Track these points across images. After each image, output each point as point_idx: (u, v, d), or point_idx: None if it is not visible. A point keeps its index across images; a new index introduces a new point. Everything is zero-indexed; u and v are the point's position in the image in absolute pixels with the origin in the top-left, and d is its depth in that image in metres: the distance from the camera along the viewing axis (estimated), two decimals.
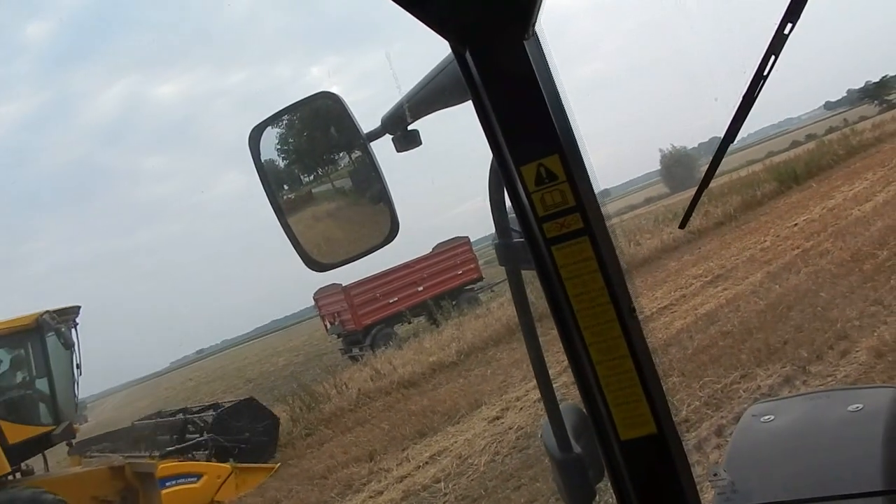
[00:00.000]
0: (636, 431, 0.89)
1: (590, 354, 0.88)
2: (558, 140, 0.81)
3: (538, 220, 0.84)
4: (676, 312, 10.69)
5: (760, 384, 6.34)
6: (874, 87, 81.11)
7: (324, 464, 9.21)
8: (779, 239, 13.84)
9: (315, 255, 1.22)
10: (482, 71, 0.81)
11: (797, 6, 0.86)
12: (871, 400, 1.62)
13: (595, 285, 0.85)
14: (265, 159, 1.24)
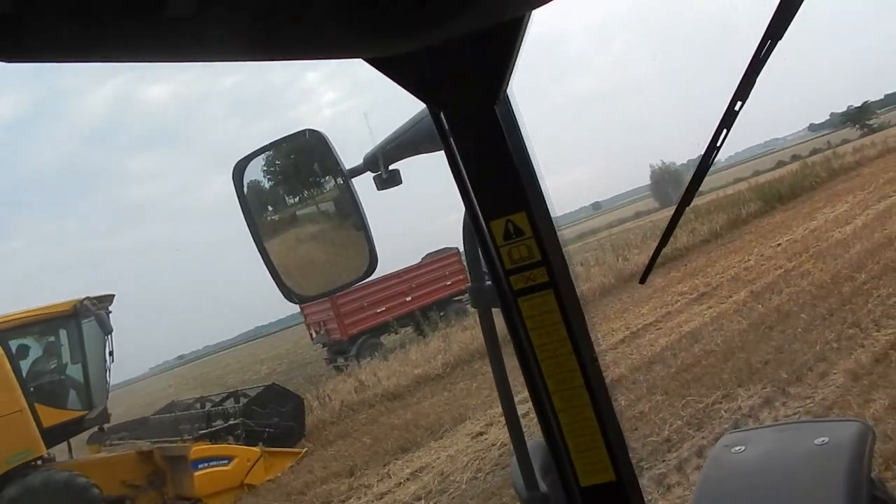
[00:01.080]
0: (596, 478, 0.93)
1: (553, 402, 0.92)
2: (525, 198, 0.86)
3: (506, 272, 0.88)
4: (661, 330, 10.75)
5: (741, 404, 6.39)
6: (856, 111, 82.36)
7: (302, 479, 9.13)
8: (762, 258, 13.99)
9: (293, 286, 1.25)
10: (454, 131, 0.86)
11: (745, 89, 0.90)
12: (837, 433, 1.66)
13: (558, 336, 0.89)
14: (248, 193, 1.27)
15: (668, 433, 6.28)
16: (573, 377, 0.89)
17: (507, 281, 0.88)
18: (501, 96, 0.84)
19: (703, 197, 41.23)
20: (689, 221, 22.82)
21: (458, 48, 0.78)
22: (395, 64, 0.79)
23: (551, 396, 0.91)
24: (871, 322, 7.45)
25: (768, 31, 0.85)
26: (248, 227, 1.24)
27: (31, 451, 8.98)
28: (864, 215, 14.96)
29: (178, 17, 0.53)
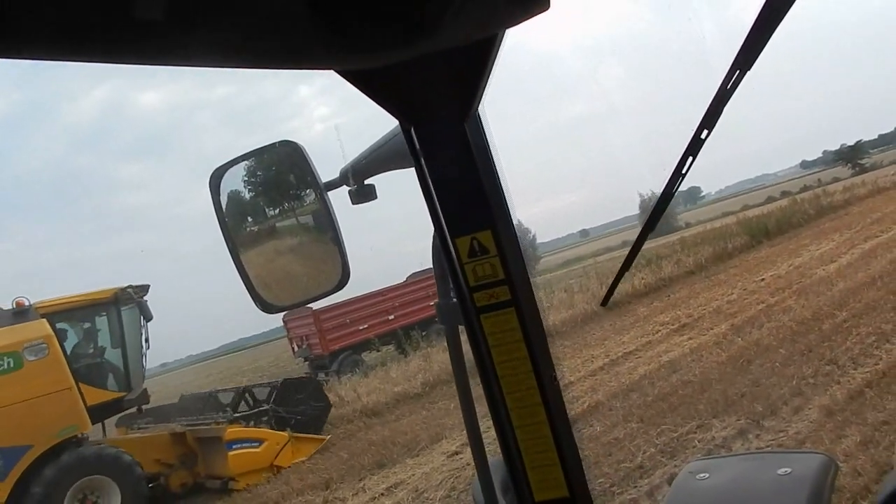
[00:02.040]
0: (549, 494, 0.95)
1: (511, 419, 0.94)
2: (492, 216, 0.87)
3: (469, 289, 0.90)
4: (641, 358, 10.78)
5: (715, 435, 6.42)
6: (849, 150, 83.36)
7: (278, 490, 9.08)
8: (746, 292, 14.08)
9: (266, 296, 1.26)
10: (424, 147, 0.87)
11: (711, 118, 0.93)
12: (800, 465, 1.69)
13: (518, 354, 0.91)
14: (224, 201, 1.28)
15: (641, 460, 6.30)
16: (531, 395, 0.91)
17: (471, 298, 0.89)
18: (472, 114, 0.85)
19: (690, 229, 41.55)
20: (676, 252, 22.99)
21: (430, 64, 0.79)
22: (367, 77, 0.80)
23: (509, 413, 0.92)
24: (848, 360, 7.52)
25: (736, 62, 0.87)
26: (223, 235, 1.26)
27: (77, 426, 9.54)
28: (850, 254, 15.12)
29: (147, 20, 0.53)
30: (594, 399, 8.86)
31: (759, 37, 0.84)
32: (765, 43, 0.85)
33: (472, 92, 0.82)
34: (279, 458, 10.05)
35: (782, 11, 0.80)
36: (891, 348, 7.46)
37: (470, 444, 1.19)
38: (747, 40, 0.84)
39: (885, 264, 12.47)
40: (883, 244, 15.16)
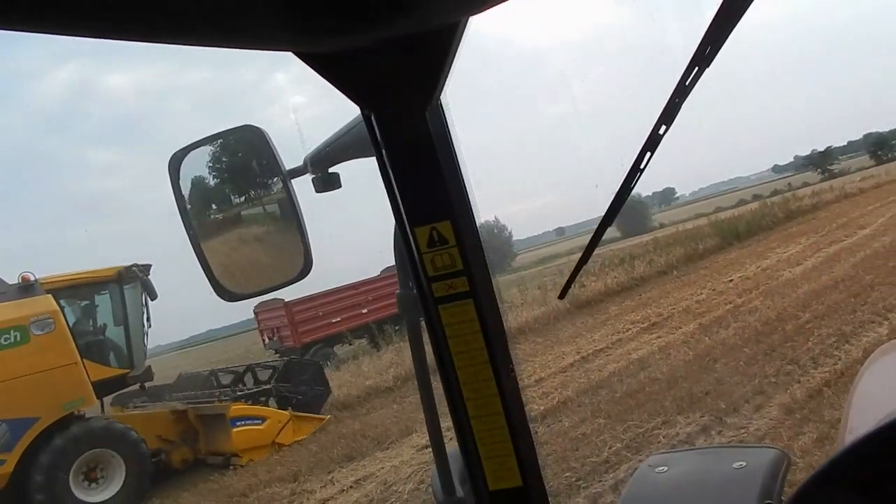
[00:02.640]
0: (503, 483, 0.95)
1: (467, 409, 0.95)
2: (451, 207, 0.87)
3: (428, 279, 0.89)
4: (611, 356, 10.89)
5: (679, 431, 6.53)
6: (819, 155, 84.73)
7: (246, 482, 9.02)
8: (714, 293, 14.29)
9: (226, 284, 1.23)
10: (384, 135, 0.86)
11: (669, 114, 0.95)
12: (754, 459, 1.73)
13: (476, 345, 0.91)
14: (184, 186, 1.27)
15: (607, 455, 6.38)
16: (488, 386, 0.91)
17: (429, 288, 0.89)
18: (434, 103, 0.84)
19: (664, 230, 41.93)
20: (648, 252, 23.21)
21: (391, 50, 0.78)
22: (327, 61, 0.79)
23: (466, 403, 0.92)
24: (809, 360, 7.69)
25: (695, 58, 0.87)
26: (182, 221, 1.24)
27: (83, 399, 9.77)
28: (815, 258, 15.43)
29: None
30: (564, 395, 8.94)
31: (718, 34, 0.84)
32: (724, 40, 0.85)
33: (434, 81, 0.82)
34: (281, 436, 10.30)
35: (741, 9, 0.81)
36: (849, 349, 7.64)
37: (429, 435, 1.19)
38: (706, 37, 0.85)
39: (848, 268, 12.74)
40: (847, 249, 15.48)
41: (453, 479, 1.13)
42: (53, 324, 9.53)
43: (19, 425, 9.06)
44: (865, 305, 9.48)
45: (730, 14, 0.82)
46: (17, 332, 9.28)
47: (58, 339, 9.53)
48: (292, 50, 0.77)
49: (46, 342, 9.40)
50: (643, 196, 75.45)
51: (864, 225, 19.06)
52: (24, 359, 9.20)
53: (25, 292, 9.66)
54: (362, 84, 0.82)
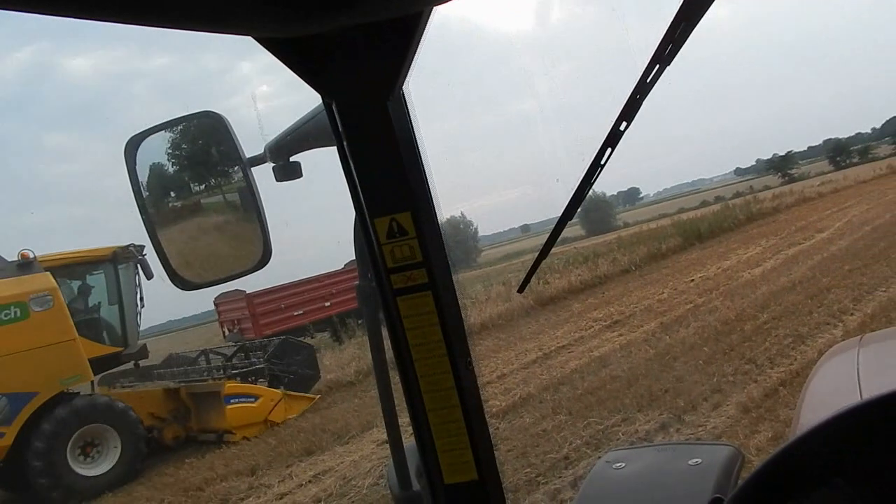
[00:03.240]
0: (459, 477, 0.95)
1: (423, 402, 0.93)
2: (412, 198, 0.86)
3: (387, 271, 0.89)
4: (573, 353, 10.98)
5: (638, 428, 6.60)
6: (780, 160, 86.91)
7: (202, 475, 8.89)
8: (675, 292, 14.50)
9: (183, 273, 1.21)
10: (344, 124, 0.85)
11: (630, 111, 0.95)
12: (709, 456, 1.75)
13: (434, 337, 0.91)
14: (141, 171, 1.23)
15: (567, 451, 6.42)
16: (445, 379, 0.91)
17: (388, 280, 0.89)
18: (395, 93, 0.84)
19: (628, 229, 42.47)
20: (612, 251, 23.49)
21: (353, 38, 0.77)
22: (288, 47, 0.78)
23: (423, 396, 0.92)
24: (766, 359, 7.84)
25: (655, 57, 0.87)
26: (138, 207, 1.20)
27: (81, 375, 10.01)
28: (774, 259, 15.77)
29: None
30: (526, 391, 8.98)
31: (679, 33, 0.85)
32: (684, 40, 0.85)
33: (397, 70, 0.81)
34: (273, 414, 10.59)
35: (701, 10, 0.81)
36: (805, 349, 7.81)
37: (386, 428, 1.18)
38: (666, 36, 0.85)
39: (806, 270, 13.04)
40: (805, 251, 15.85)
41: (410, 472, 1.12)
42: (52, 301, 9.68)
43: (18, 399, 9.26)
44: (821, 307, 9.70)
45: (689, 14, 0.82)
46: (17, 308, 9.44)
47: (56, 315, 9.68)
48: (253, 35, 0.76)
49: (45, 318, 9.55)
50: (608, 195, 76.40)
51: (822, 228, 19.53)
52: (23, 334, 9.34)
53: (24, 269, 9.81)
54: (323, 72, 0.81)
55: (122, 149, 1.22)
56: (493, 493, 0.96)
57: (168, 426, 10.88)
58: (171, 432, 10.91)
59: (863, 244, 14.63)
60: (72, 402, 9.73)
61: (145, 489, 9.14)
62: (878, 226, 17.13)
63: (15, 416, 9.21)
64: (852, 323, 8.47)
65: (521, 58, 67.92)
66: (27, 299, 9.53)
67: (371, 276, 0.95)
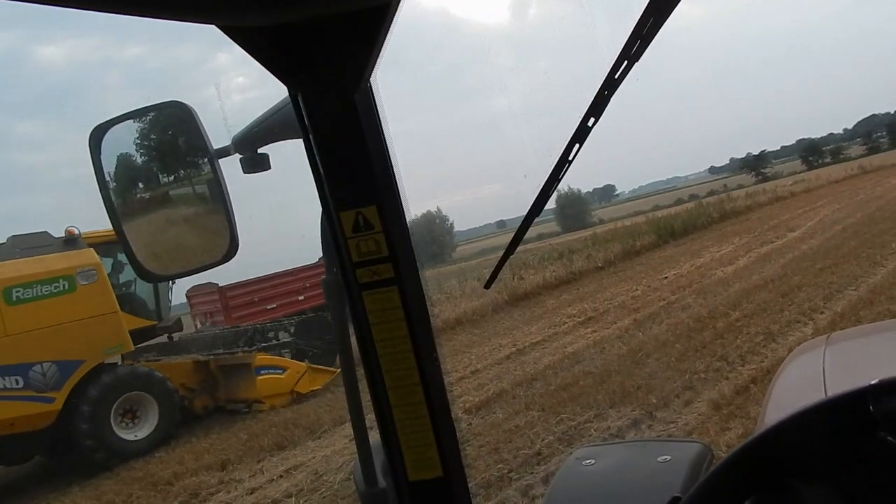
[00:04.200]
0: (424, 474, 0.94)
1: (388, 398, 0.92)
2: (378, 191, 0.85)
3: (352, 265, 0.88)
4: (547, 349, 11.03)
5: (611, 425, 6.65)
6: (753, 159, 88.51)
7: (171, 470, 8.78)
8: (649, 289, 14.64)
9: (148, 264, 1.20)
10: (310, 116, 0.84)
11: (598, 107, 0.94)
12: (678, 452, 1.76)
13: (399, 333, 0.90)
14: (106, 161, 1.21)
15: (539, 447, 6.45)
16: (410, 374, 0.90)
17: (353, 274, 0.88)
18: (362, 85, 0.83)
19: (603, 226, 42.84)
20: (587, 248, 23.67)
21: (319, 29, 0.76)
22: (252, 36, 0.76)
23: (388, 392, 0.91)
24: (737, 357, 7.93)
25: (623, 53, 0.87)
26: (103, 198, 1.18)
27: (122, 346, 10.66)
28: (747, 257, 15.99)
29: None
30: (499, 387, 9.01)
31: (647, 30, 0.84)
32: (652, 36, 0.84)
33: (364, 61, 0.80)
34: (298, 385, 11.26)
35: (670, 6, 0.80)
36: (776, 347, 7.92)
37: (352, 424, 1.17)
38: (635, 32, 0.84)
39: (778, 269, 13.23)
40: (777, 250, 16.09)
41: (376, 469, 1.11)
42: (96, 275, 10.34)
43: (67, 367, 9.85)
44: (792, 306, 9.85)
45: (657, 11, 0.82)
46: (65, 281, 10.05)
47: (100, 289, 10.33)
48: (215, 23, 0.73)
49: (90, 291, 10.19)
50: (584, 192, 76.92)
51: (794, 227, 19.86)
52: (71, 306, 9.93)
53: (70, 245, 10.41)
54: (289, 62, 0.80)
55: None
56: (458, 489, 0.95)
57: (198, 396, 11.51)
58: (201, 402, 11.54)
59: (833, 243, 14.88)
60: (115, 371, 10.42)
61: (113, 483, 9.01)
62: (848, 225, 17.45)
63: (64, 382, 9.77)
64: (822, 321, 8.60)
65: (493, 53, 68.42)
66: (74, 273, 10.13)
67: (337, 271, 0.93)
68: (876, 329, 2.97)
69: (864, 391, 0.95)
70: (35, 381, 9.57)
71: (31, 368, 9.57)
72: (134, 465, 9.57)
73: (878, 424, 0.94)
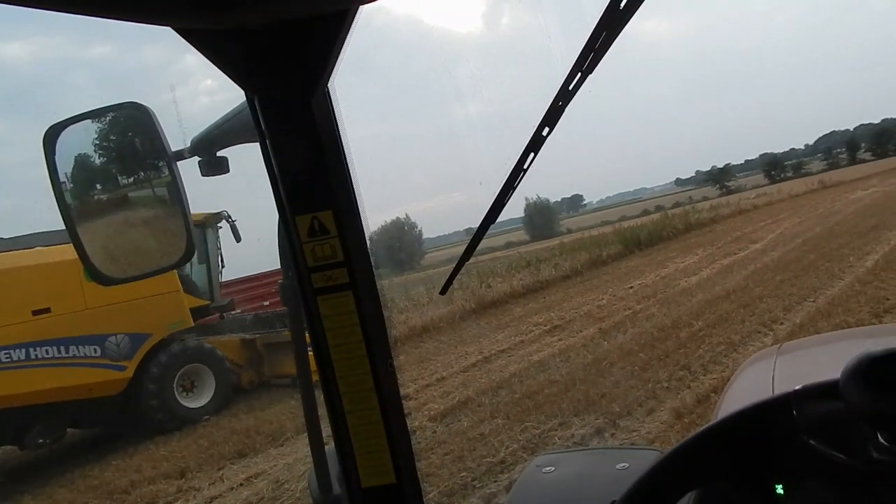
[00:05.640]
0: (377, 480, 0.93)
1: (342, 403, 0.92)
2: (334, 197, 0.85)
3: (308, 269, 0.88)
4: (513, 357, 11.04)
5: (574, 433, 6.68)
6: (718, 172, 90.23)
7: (128, 478, 8.57)
8: (615, 298, 14.77)
9: (103, 267, 1.19)
10: (266, 120, 0.84)
11: (552, 117, 0.95)
12: (636, 460, 1.78)
13: (354, 338, 0.90)
14: (63, 161, 1.19)
15: (503, 455, 6.45)
16: (364, 380, 0.90)
17: (309, 279, 0.88)
18: (319, 90, 0.83)
19: (571, 235, 43.13)
20: (555, 256, 23.83)
21: (277, 33, 0.76)
22: (210, 39, 0.77)
23: (342, 398, 0.91)
24: (699, 366, 8.05)
25: (577, 64, 0.88)
26: (56, 199, 1.16)
27: (182, 321, 11.51)
28: (710, 268, 16.24)
29: None
30: (465, 395, 9.00)
31: (601, 42, 0.85)
32: (605, 49, 0.86)
33: (322, 67, 0.80)
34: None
35: (623, 19, 0.82)
36: (737, 357, 8.04)
37: (307, 430, 1.17)
38: (588, 44, 0.85)
39: (740, 280, 13.47)
40: (739, 261, 16.38)
41: (331, 476, 1.11)
42: None
43: (137, 339, 10.87)
44: (753, 316, 10.02)
45: (610, 24, 0.83)
46: None
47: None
48: (171, 24, 0.74)
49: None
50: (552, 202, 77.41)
51: (756, 240, 20.23)
52: (140, 284, 9.88)
53: None
54: (246, 66, 0.80)
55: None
56: (411, 496, 0.95)
57: (245, 371, 12.27)
58: (248, 377, 12.32)
59: (794, 256, 15.20)
60: (183, 343, 11.35)
61: (67, 492, 8.77)
62: (808, 238, 17.84)
63: (135, 352, 10.79)
64: (782, 331, 8.77)
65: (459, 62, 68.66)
66: None
67: (293, 275, 0.93)
68: (826, 339, 3.04)
69: (787, 397, 0.98)
70: (110, 351, 10.58)
71: (107, 339, 10.58)
72: (89, 472, 9.33)
73: (800, 429, 0.97)
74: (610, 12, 0.81)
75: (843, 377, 0.93)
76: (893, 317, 8.39)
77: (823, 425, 0.97)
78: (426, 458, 6.76)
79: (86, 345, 10.39)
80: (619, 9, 0.80)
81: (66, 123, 1.18)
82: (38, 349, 9.98)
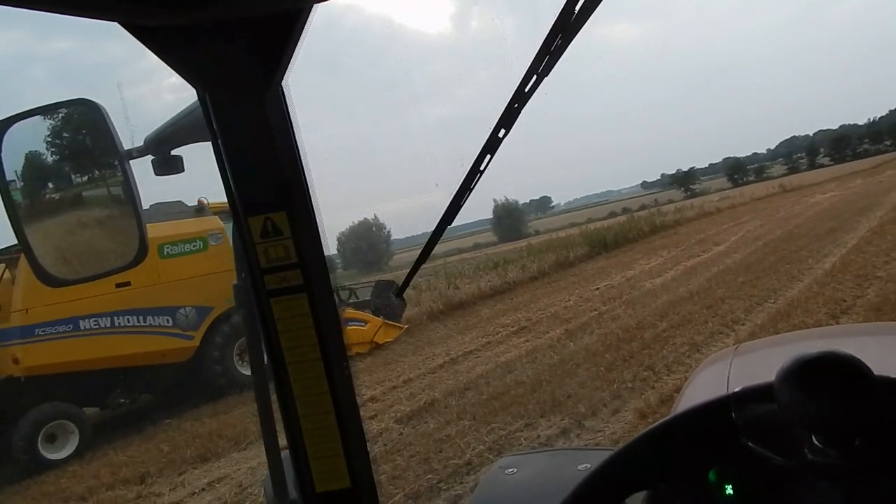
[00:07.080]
0: (332, 485, 0.92)
1: (297, 407, 0.90)
2: (288, 197, 0.84)
3: (261, 271, 0.86)
4: (480, 358, 11.07)
5: (540, 433, 6.71)
6: (683, 175, 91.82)
7: (86, 484, 8.38)
8: (581, 300, 14.89)
9: (50, 268, 1.15)
10: (219, 118, 0.82)
11: (508, 119, 0.95)
12: (598, 461, 1.78)
13: (308, 341, 0.88)
14: (8, 159, 1.16)
15: (469, 456, 6.45)
16: (319, 383, 0.89)
17: (262, 280, 0.86)
18: (273, 89, 0.82)
19: (539, 237, 43.43)
20: (522, 258, 23.95)
21: (229, 30, 0.75)
22: (159, 36, 0.75)
23: (296, 401, 0.90)
24: (663, 367, 8.14)
25: (532, 67, 0.88)
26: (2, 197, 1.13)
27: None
28: (674, 270, 16.47)
29: None
30: (431, 396, 8.99)
31: (556, 46, 0.85)
32: (561, 52, 0.86)
33: (275, 65, 0.79)
34: (377, 336, 13.30)
35: (578, 23, 0.82)
36: (700, 357, 8.14)
37: (262, 434, 1.15)
38: (543, 47, 0.85)
39: (703, 281, 13.67)
40: (703, 263, 16.63)
41: (287, 481, 1.09)
42: (222, 237, 12.00)
43: (202, 312, 11.97)
44: (716, 317, 10.18)
45: (564, 28, 0.83)
46: (200, 242, 12.15)
47: (225, 249, 11.41)
48: (119, 20, 0.72)
49: (218, 251, 11.79)
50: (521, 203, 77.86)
51: (719, 242, 20.57)
52: (204, 262, 11.75)
53: (200, 213, 12.44)
54: (197, 63, 0.79)
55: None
56: (367, 501, 0.94)
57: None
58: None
59: (755, 258, 15.48)
60: (235, 318, 11.33)
61: (22, 499, 8.57)
62: (769, 241, 18.19)
63: (201, 323, 11.95)
64: (743, 332, 8.92)
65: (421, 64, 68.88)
66: (206, 235, 12.17)
67: (246, 277, 0.92)
68: (782, 340, 3.09)
69: (727, 399, 1.00)
70: (180, 321, 11.73)
71: (177, 311, 11.70)
72: (45, 479, 9.12)
73: (739, 431, 0.99)
74: (564, 16, 0.81)
75: (776, 380, 0.94)
76: (850, 318, 8.57)
77: (761, 427, 0.99)
78: (392, 460, 6.74)
79: (160, 315, 11.54)
80: (573, 12, 0.80)
81: (13, 120, 1.16)
82: (121, 318, 11.11)
